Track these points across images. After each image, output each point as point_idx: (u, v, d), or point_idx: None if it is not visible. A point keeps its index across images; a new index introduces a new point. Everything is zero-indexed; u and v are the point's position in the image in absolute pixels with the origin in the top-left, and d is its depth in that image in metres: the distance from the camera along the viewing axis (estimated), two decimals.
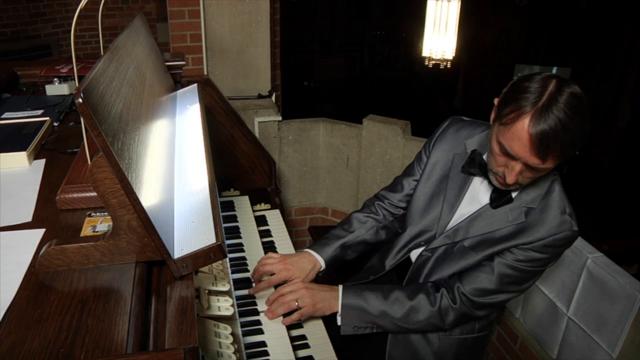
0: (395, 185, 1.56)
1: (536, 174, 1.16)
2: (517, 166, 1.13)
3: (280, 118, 2.78)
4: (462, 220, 1.33)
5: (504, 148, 1.13)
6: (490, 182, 1.27)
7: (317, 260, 1.47)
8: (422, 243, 1.43)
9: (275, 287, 1.42)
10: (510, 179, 1.15)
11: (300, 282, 1.39)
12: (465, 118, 1.44)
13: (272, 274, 1.42)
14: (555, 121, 1.05)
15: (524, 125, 1.07)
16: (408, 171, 1.54)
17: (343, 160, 2.90)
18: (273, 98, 2.98)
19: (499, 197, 1.27)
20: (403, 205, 1.54)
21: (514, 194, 1.27)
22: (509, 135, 1.10)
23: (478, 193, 1.33)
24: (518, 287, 1.32)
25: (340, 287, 1.38)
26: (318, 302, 1.34)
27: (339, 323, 1.36)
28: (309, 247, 1.50)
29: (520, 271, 1.27)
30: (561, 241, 1.22)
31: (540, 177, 1.22)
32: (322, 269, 1.47)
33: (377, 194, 1.62)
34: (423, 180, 1.45)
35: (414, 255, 1.46)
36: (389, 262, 1.50)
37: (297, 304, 1.34)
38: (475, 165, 1.30)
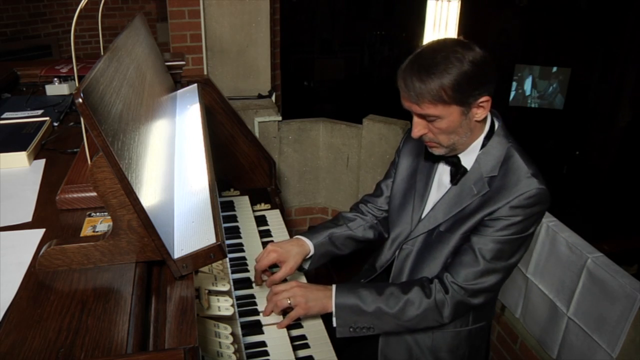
0: (376, 190, 1.62)
1: (437, 125, 1.23)
2: (414, 119, 1.26)
3: (280, 118, 2.78)
4: (434, 207, 1.37)
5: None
6: (446, 163, 1.34)
7: (306, 243, 1.50)
8: (400, 243, 1.45)
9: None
10: (413, 132, 1.27)
11: (295, 281, 1.40)
12: None
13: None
14: (417, 64, 1.19)
15: (399, 77, 1.22)
16: (386, 175, 1.60)
17: (343, 160, 2.90)
18: (273, 98, 2.98)
19: (456, 172, 1.33)
20: (385, 208, 1.58)
21: (467, 165, 1.32)
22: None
23: (442, 177, 1.38)
24: (505, 263, 1.29)
25: (334, 286, 1.36)
26: (310, 300, 1.33)
27: (334, 325, 1.34)
28: (297, 235, 1.55)
29: (499, 242, 1.26)
30: (528, 200, 1.23)
31: (493, 145, 1.29)
32: (310, 253, 1.50)
33: (361, 199, 1.67)
34: (396, 180, 1.51)
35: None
36: (379, 264, 1.52)
37: (289, 302, 1.34)
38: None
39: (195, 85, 1.69)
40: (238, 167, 2.02)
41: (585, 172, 5.14)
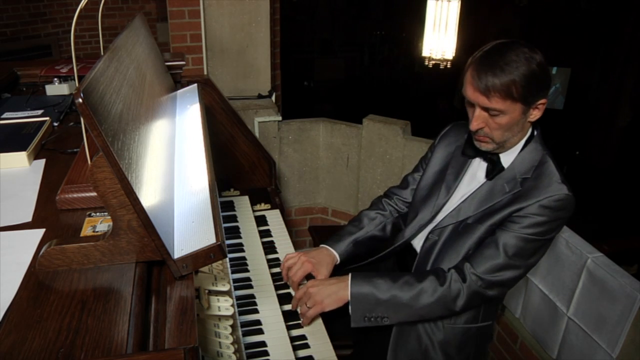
0: (403, 182, 1.68)
1: (497, 120, 1.26)
2: (476, 111, 1.27)
3: (280, 118, 2.78)
4: (464, 200, 1.39)
5: (466, 99, 1.28)
6: (484, 159, 1.38)
7: (333, 253, 1.55)
8: (420, 227, 1.48)
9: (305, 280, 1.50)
10: (472, 125, 1.29)
11: (310, 281, 1.43)
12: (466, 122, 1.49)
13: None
14: (490, 60, 1.23)
15: (469, 69, 1.26)
16: (414, 168, 1.65)
17: (343, 160, 2.90)
18: (273, 98, 2.97)
19: (493, 168, 1.36)
20: (409, 200, 1.63)
21: (505, 164, 1.35)
22: (464, 85, 1.27)
23: (476, 172, 1.42)
24: (524, 261, 1.32)
25: (350, 275, 1.38)
26: (326, 297, 1.36)
27: (350, 312, 1.36)
28: (323, 243, 1.59)
29: (523, 240, 1.29)
30: (557, 202, 1.26)
31: (530, 150, 1.33)
32: (337, 262, 1.55)
33: (386, 192, 1.72)
34: (427, 172, 1.55)
35: (418, 241, 1.49)
36: (395, 243, 1.56)
37: (307, 306, 1.37)
38: (471, 145, 1.40)
39: (195, 85, 1.69)
40: (238, 167, 2.02)
41: (585, 172, 5.14)
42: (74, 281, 0.87)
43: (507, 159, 1.36)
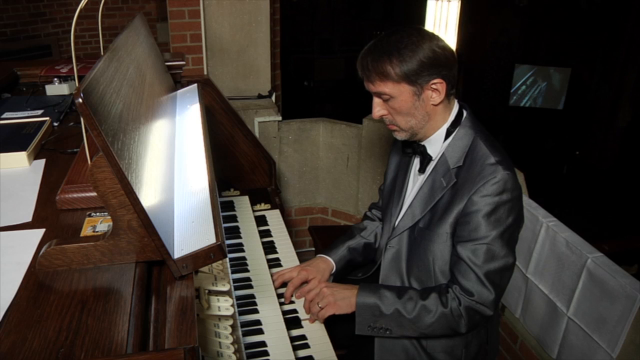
0: (379, 192, 1.70)
1: (391, 104, 1.29)
2: (374, 100, 1.32)
3: (280, 118, 2.78)
4: (411, 204, 1.41)
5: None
6: (416, 153, 1.41)
7: (329, 260, 1.57)
8: (388, 239, 1.49)
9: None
10: (373, 113, 1.32)
11: (323, 282, 1.45)
12: None
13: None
14: (372, 45, 1.27)
15: None
16: (384, 179, 1.66)
17: (343, 160, 2.89)
18: (273, 98, 2.97)
19: (422, 160, 1.39)
20: None
21: (433, 154, 1.36)
22: None
23: (416, 169, 1.44)
24: (502, 258, 1.27)
25: (360, 285, 1.40)
26: (339, 299, 1.37)
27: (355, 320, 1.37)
28: (319, 254, 1.62)
29: (483, 244, 1.25)
30: (492, 187, 1.24)
31: (458, 137, 1.32)
32: (333, 269, 1.57)
33: (369, 206, 1.77)
34: (385, 182, 1.59)
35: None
36: (377, 258, 1.58)
37: (319, 306, 1.38)
38: (408, 143, 1.43)
39: (195, 85, 1.69)
40: (238, 167, 2.02)
41: (585, 172, 5.14)
42: (74, 281, 0.87)
43: (433, 148, 1.37)
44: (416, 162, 1.44)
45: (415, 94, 1.26)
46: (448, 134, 1.34)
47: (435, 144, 1.36)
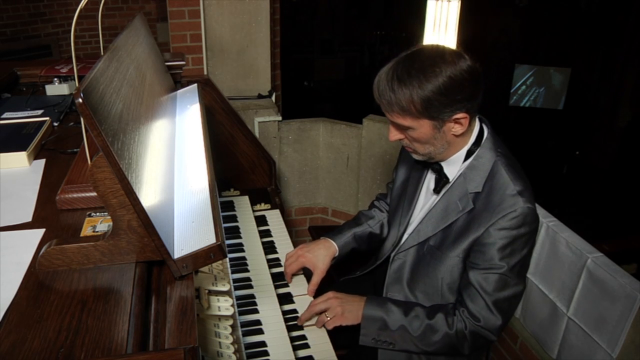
0: (387, 187, 1.68)
1: (410, 134, 1.24)
2: (390, 124, 1.27)
3: (280, 118, 2.78)
4: (422, 221, 1.37)
5: None
6: (432, 170, 1.36)
7: (332, 244, 1.56)
8: (392, 246, 1.48)
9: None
10: (389, 136, 1.28)
11: (331, 292, 1.41)
12: None
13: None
14: (388, 69, 1.20)
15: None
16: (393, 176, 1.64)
17: (343, 160, 2.89)
18: (273, 98, 2.97)
19: (439, 180, 1.33)
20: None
21: (450, 175, 1.31)
22: None
23: (430, 184, 1.40)
24: (512, 287, 1.26)
25: (369, 297, 1.39)
26: (347, 311, 1.36)
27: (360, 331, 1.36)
28: (324, 236, 1.60)
29: (495, 273, 1.23)
30: (511, 221, 1.19)
31: (478, 159, 1.27)
32: (336, 254, 1.55)
33: (377, 196, 1.74)
34: (395, 182, 1.55)
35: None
36: (380, 256, 1.56)
37: (327, 317, 1.37)
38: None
39: (195, 85, 1.69)
40: (238, 167, 2.02)
41: (585, 172, 5.14)
42: (74, 281, 0.87)
43: (451, 169, 1.31)
44: (430, 177, 1.39)
45: (436, 127, 1.20)
46: (469, 154, 1.29)
47: (454, 165, 1.30)
